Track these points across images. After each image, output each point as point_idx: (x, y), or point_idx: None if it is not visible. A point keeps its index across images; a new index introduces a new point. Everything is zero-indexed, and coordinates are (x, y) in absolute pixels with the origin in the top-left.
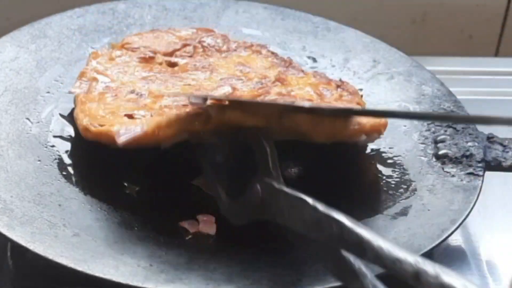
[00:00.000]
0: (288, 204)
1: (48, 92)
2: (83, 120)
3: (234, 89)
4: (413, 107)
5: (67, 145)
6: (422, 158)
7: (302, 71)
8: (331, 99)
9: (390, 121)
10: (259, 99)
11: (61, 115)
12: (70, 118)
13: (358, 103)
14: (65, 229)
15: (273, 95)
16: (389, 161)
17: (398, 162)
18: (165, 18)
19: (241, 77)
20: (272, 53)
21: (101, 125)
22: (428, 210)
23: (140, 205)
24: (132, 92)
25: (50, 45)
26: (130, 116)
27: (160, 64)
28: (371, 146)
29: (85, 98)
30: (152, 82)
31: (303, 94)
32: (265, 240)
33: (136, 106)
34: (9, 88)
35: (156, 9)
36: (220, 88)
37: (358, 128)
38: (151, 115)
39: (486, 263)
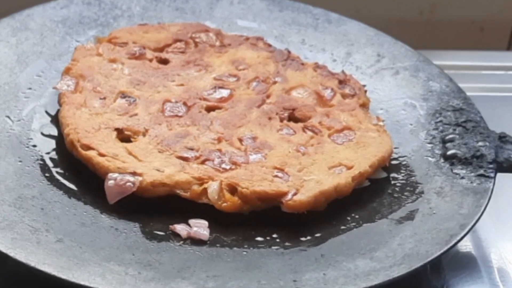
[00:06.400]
0: None
1: (30, 89)
2: (70, 134)
3: (231, 94)
4: (419, 104)
5: (50, 145)
6: (430, 158)
7: (302, 63)
8: (333, 101)
9: (395, 119)
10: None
11: (46, 113)
12: (54, 116)
13: (363, 104)
14: (48, 234)
15: (274, 97)
16: (394, 162)
17: (404, 163)
18: (154, 9)
19: (237, 74)
20: (269, 45)
21: (89, 147)
22: (436, 214)
23: (128, 209)
24: (123, 96)
25: (32, 38)
26: (121, 133)
27: (151, 60)
28: None
29: (71, 98)
30: (142, 84)
31: (303, 101)
32: (259, 247)
33: (128, 125)
34: None
35: (145, 0)
36: (217, 92)
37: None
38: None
39: (497, 270)
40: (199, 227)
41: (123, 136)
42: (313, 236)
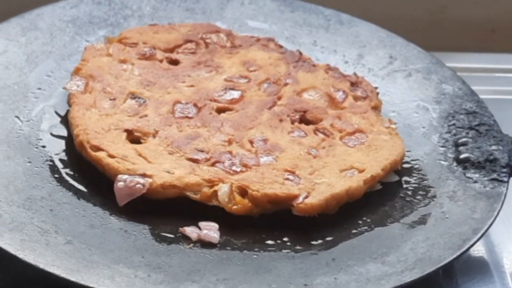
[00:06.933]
0: None
1: (39, 89)
2: (79, 135)
3: (242, 96)
4: (432, 107)
5: (60, 146)
6: (442, 162)
7: (314, 65)
8: (345, 104)
9: (408, 122)
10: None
11: (56, 113)
12: (63, 117)
13: (375, 106)
14: (57, 236)
15: (285, 99)
16: (407, 165)
17: (416, 166)
18: (165, 9)
19: (248, 75)
20: (280, 46)
21: (98, 148)
22: (449, 218)
23: (138, 211)
24: (133, 97)
25: (42, 38)
26: (131, 134)
27: (161, 61)
28: None
29: (81, 98)
30: (152, 84)
31: (315, 103)
32: (270, 250)
33: (138, 126)
34: None
35: (155, 0)
36: (227, 93)
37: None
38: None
39: (510, 275)
40: (209, 230)
41: (133, 137)
42: (324, 239)
